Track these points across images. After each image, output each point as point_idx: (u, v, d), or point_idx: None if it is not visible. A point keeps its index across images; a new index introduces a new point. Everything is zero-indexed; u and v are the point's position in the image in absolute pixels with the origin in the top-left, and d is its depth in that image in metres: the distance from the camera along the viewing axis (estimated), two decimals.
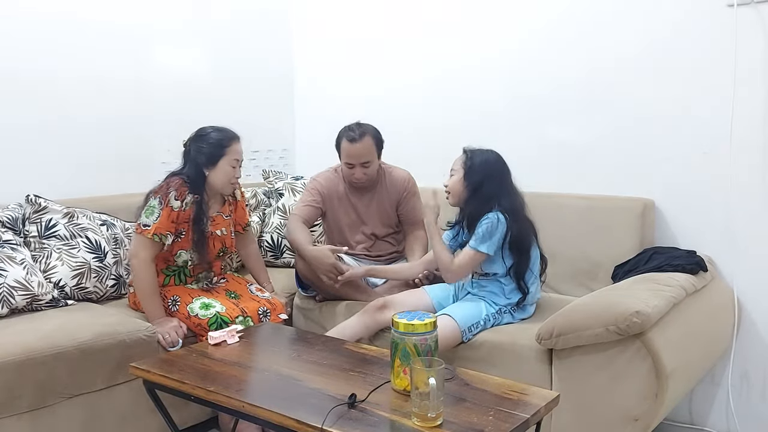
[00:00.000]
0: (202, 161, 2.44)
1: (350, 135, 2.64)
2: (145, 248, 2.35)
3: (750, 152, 2.41)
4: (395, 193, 2.80)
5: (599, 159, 2.76)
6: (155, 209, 2.36)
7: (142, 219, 2.37)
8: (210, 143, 2.45)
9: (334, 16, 3.58)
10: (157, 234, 2.34)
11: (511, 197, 2.29)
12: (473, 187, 2.29)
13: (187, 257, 2.46)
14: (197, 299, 2.39)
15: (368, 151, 2.65)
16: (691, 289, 2.19)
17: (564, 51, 2.81)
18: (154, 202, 2.37)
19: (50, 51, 2.78)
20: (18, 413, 1.96)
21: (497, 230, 2.23)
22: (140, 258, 2.35)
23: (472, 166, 2.30)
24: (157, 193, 2.39)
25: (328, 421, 1.47)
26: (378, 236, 2.80)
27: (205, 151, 2.44)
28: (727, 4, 2.41)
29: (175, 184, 2.38)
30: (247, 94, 3.57)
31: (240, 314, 2.36)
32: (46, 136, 2.79)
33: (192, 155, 2.47)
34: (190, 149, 2.48)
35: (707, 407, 2.57)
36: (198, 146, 2.46)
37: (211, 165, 2.45)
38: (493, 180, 2.28)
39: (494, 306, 2.29)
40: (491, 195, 2.27)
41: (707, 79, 2.48)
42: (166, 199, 2.36)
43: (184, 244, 2.44)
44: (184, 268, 2.48)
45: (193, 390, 1.73)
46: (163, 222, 2.35)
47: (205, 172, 2.45)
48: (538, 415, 1.55)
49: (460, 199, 2.34)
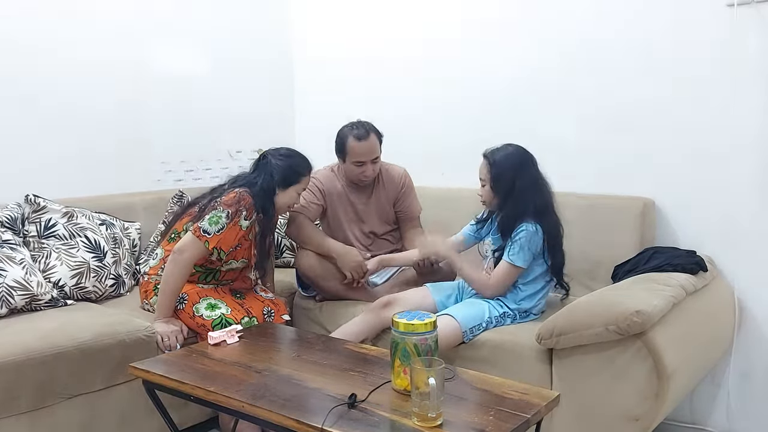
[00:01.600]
0: (277, 180, 2.42)
1: (357, 133, 2.62)
2: (195, 251, 2.31)
3: (750, 152, 2.41)
4: (393, 189, 2.80)
5: (600, 159, 2.76)
6: (221, 221, 2.30)
7: (204, 224, 2.30)
8: (291, 166, 2.45)
9: (334, 15, 3.57)
10: (217, 248, 2.31)
11: (542, 193, 2.28)
12: (504, 193, 2.28)
13: (236, 266, 2.45)
14: (204, 299, 2.37)
15: (376, 146, 2.66)
16: (691, 288, 2.19)
17: (564, 51, 2.81)
18: (222, 214, 2.30)
19: (50, 51, 2.78)
20: (17, 414, 1.96)
21: (534, 243, 2.22)
22: (185, 257, 2.30)
23: (497, 174, 2.28)
24: (228, 207, 2.32)
25: (328, 421, 1.46)
26: (377, 234, 2.80)
27: (282, 171, 2.43)
28: (727, 4, 2.41)
29: (246, 203, 2.34)
30: (247, 94, 3.56)
31: (245, 315, 2.35)
32: (46, 136, 2.79)
33: (269, 169, 2.43)
34: (269, 163, 2.45)
35: (708, 407, 2.57)
36: (277, 164, 2.43)
37: (284, 187, 2.43)
38: (520, 178, 2.26)
39: (499, 309, 2.28)
40: (521, 196, 2.25)
41: (707, 79, 2.48)
42: (237, 217, 2.32)
43: (238, 255, 2.41)
44: (218, 271, 2.46)
45: (193, 390, 1.72)
46: (227, 238, 2.31)
47: (275, 191, 2.43)
48: (539, 415, 1.55)
49: (495, 206, 2.34)
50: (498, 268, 2.28)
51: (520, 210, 2.25)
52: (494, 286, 2.28)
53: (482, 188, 2.34)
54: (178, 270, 2.30)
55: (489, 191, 2.31)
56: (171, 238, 2.49)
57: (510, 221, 2.27)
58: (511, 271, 2.25)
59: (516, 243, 2.22)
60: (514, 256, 2.23)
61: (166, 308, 2.33)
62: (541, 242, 2.25)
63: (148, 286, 2.48)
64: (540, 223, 2.24)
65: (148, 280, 2.48)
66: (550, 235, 2.25)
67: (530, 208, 2.24)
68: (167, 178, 3.23)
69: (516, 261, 2.23)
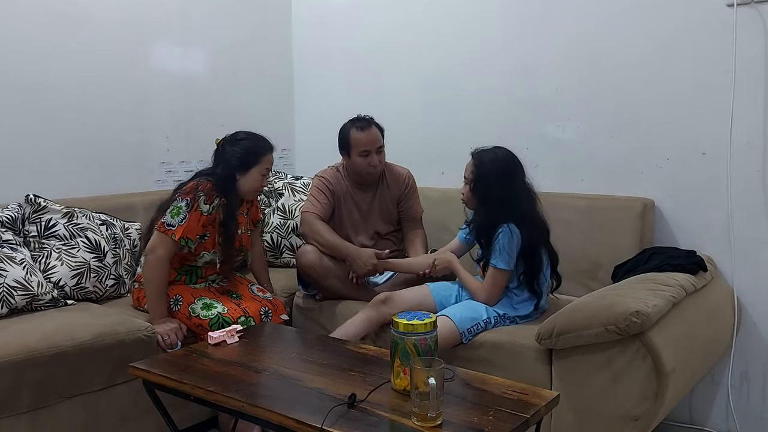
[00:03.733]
0: (235, 165, 2.43)
1: (360, 124, 2.66)
2: (165, 247, 2.33)
3: (750, 152, 2.41)
4: (396, 189, 2.80)
5: (599, 159, 2.76)
6: (182, 211, 2.33)
7: (167, 218, 2.34)
8: (246, 148, 2.45)
9: (334, 15, 3.57)
10: (183, 238, 2.33)
11: (522, 201, 2.25)
12: (482, 196, 2.28)
13: (210, 258, 2.45)
14: (199, 299, 2.38)
15: (379, 136, 2.68)
16: (691, 288, 2.19)
17: (564, 51, 2.81)
18: (182, 203, 2.34)
19: (49, 51, 2.78)
20: (18, 413, 1.96)
21: (513, 244, 2.22)
22: (157, 255, 2.33)
23: (479, 175, 2.27)
24: (186, 195, 2.35)
25: (328, 421, 1.46)
26: (381, 234, 2.81)
27: (239, 156, 2.43)
28: (727, 3, 2.41)
29: (204, 187, 2.36)
30: (247, 94, 3.56)
31: (242, 314, 2.35)
32: (46, 136, 2.79)
33: (226, 157, 2.45)
34: (225, 150, 2.47)
35: (707, 407, 2.57)
36: (233, 149, 2.45)
37: (243, 170, 2.44)
38: (501, 187, 2.24)
39: (499, 311, 2.28)
40: (499, 203, 2.23)
41: (707, 79, 2.48)
42: (195, 203, 2.34)
43: (208, 246, 2.43)
44: (198, 268, 2.47)
45: (193, 390, 1.72)
46: (191, 225, 2.33)
47: (236, 176, 2.44)
48: (538, 415, 1.55)
49: (473, 206, 2.35)
50: (487, 275, 2.29)
51: (497, 216, 2.23)
52: (486, 292, 2.28)
53: (464, 186, 2.35)
54: (156, 271, 2.33)
55: (469, 192, 2.31)
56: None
57: (485, 226, 2.27)
58: (497, 275, 2.25)
59: (496, 246, 2.23)
60: (496, 260, 2.24)
61: (158, 310, 2.35)
62: (517, 246, 2.23)
63: (139, 293, 2.49)
64: (518, 227, 2.22)
65: (139, 287, 2.49)
66: (526, 242, 2.23)
67: (507, 216, 2.23)
68: (167, 178, 3.22)
69: (498, 264, 2.23)
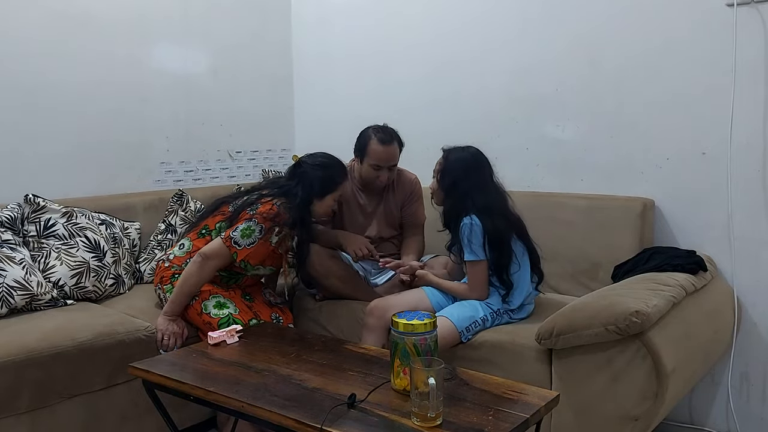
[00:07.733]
0: (316, 190, 2.40)
1: (382, 137, 2.60)
2: (222, 260, 2.30)
3: (750, 152, 2.41)
4: (401, 194, 2.80)
5: (599, 159, 2.76)
6: (253, 235, 2.28)
7: (236, 235, 2.28)
8: (328, 176, 2.43)
9: (334, 15, 3.57)
10: (244, 260, 2.31)
11: (486, 195, 2.31)
12: (447, 188, 2.35)
13: (263, 272, 2.46)
14: (213, 296, 2.35)
15: (396, 154, 2.65)
16: (691, 288, 2.19)
17: (564, 51, 2.81)
18: (256, 228, 2.28)
19: (49, 51, 2.78)
20: (17, 413, 1.96)
21: (475, 234, 2.26)
22: (210, 264, 2.29)
23: (445, 168, 2.36)
24: (263, 221, 2.29)
25: (328, 421, 1.46)
26: (383, 237, 2.81)
27: (320, 181, 2.40)
28: (727, 3, 2.41)
29: (281, 220, 2.30)
30: (247, 94, 3.56)
31: (253, 317, 2.35)
32: (46, 136, 2.79)
33: (307, 179, 2.40)
34: (305, 171, 2.42)
35: (707, 407, 2.57)
36: (315, 173, 2.41)
37: (320, 196, 2.42)
38: (466, 179, 2.31)
39: (493, 306, 2.29)
40: (464, 194, 2.30)
41: (707, 78, 2.48)
42: (269, 234, 2.30)
43: (266, 262, 2.41)
44: (242, 276, 2.45)
45: (193, 390, 1.72)
46: (256, 253, 2.30)
47: (313, 201, 2.41)
48: (538, 415, 1.55)
49: (439, 200, 2.40)
50: (468, 272, 2.33)
51: (461, 207, 2.30)
52: (472, 288, 2.31)
53: (432, 181, 2.42)
54: (200, 274, 2.30)
55: (436, 184, 2.40)
56: (201, 233, 2.47)
57: (449, 216, 2.35)
58: (473, 268, 2.29)
59: (463, 241, 2.28)
60: (467, 255, 2.28)
61: (178, 306, 2.32)
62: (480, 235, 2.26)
63: (166, 272, 2.44)
64: (480, 218, 2.26)
65: (169, 267, 2.44)
66: (491, 232, 2.27)
67: (470, 207, 2.28)
68: (167, 178, 3.23)
69: (468, 257, 2.28)
